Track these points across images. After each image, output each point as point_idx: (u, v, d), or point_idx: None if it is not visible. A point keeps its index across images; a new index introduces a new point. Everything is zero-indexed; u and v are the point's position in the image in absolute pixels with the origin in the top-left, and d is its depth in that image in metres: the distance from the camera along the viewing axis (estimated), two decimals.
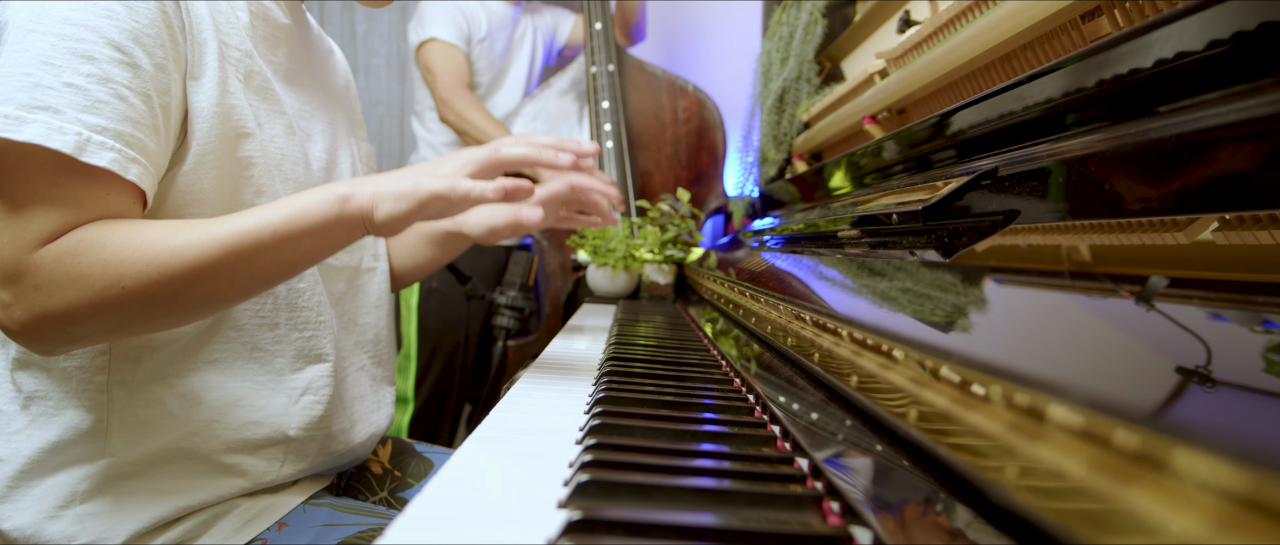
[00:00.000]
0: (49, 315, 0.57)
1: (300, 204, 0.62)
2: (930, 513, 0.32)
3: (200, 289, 0.60)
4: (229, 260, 0.60)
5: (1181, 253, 0.34)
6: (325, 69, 0.89)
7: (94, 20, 0.58)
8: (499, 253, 2.07)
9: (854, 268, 0.65)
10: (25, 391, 0.67)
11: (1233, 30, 0.37)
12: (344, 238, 0.65)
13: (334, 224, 0.63)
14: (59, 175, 0.57)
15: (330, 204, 0.63)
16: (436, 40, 1.89)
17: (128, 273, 0.57)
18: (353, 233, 0.65)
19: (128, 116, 0.59)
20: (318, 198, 0.63)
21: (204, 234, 0.59)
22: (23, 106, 0.55)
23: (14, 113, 0.55)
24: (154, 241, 0.58)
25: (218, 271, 0.60)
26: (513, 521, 0.35)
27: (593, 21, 1.95)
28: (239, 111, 0.68)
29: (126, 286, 0.57)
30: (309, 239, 0.63)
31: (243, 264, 0.61)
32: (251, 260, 0.61)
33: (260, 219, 0.61)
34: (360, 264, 0.88)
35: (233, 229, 0.60)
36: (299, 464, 0.75)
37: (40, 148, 0.55)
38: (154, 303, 0.59)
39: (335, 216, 0.63)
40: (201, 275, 0.59)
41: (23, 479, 0.66)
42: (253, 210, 0.62)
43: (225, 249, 0.59)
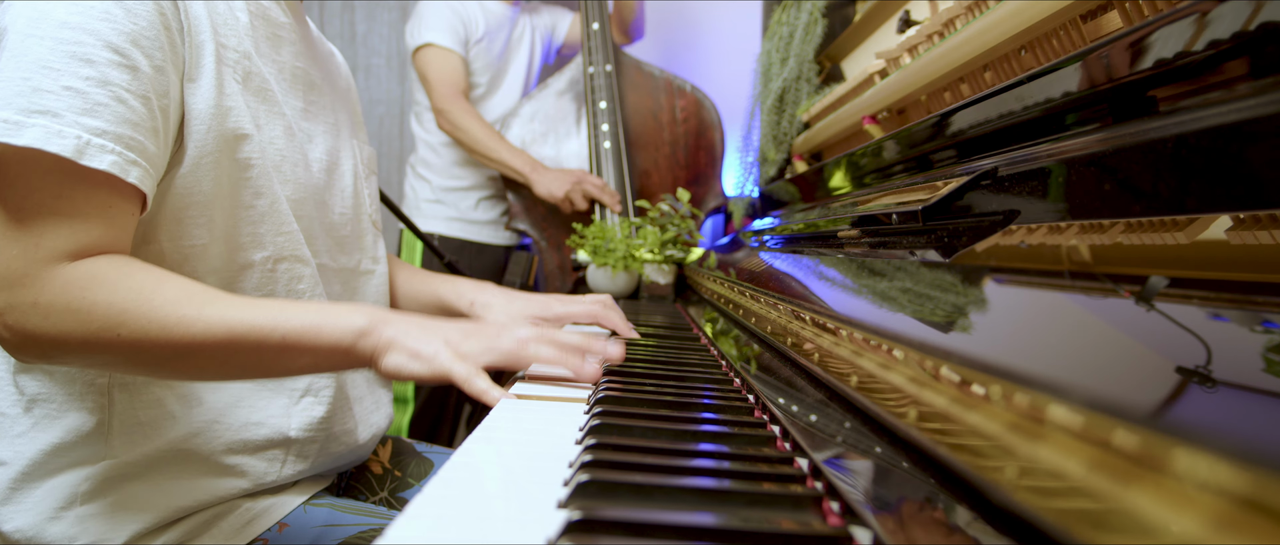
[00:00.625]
0: (36, 335, 0.57)
1: (320, 321, 0.61)
2: (930, 513, 0.32)
3: (190, 362, 0.60)
4: (228, 348, 0.59)
5: (1181, 253, 0.34)
6: (328, 70, 0.89)
7: (92, 23, 0.58)
8: (498, 253, 2.07)
9: (854, 268, 0.65)
10: (28, 394, 0.67)
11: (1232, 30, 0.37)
12: (345, 366, 0.64)
13: (341, 354, 0.62)
14: (61, 180, 0.57)
15: (347, 335, 0.62)
16: (433, 46, 1.88)
17: (128, 324, 0.57)
18: (354, 366, 0.64)
19: (127, 119, 0.59)
20: (338, 323, 0.62)
21: (214, 314, 0.59)
22: (21, 111, 0.55)
23: (13, 117, 0.55)
24: (165, 302, 0.58)
25: (214, 354, 0.59)
26: (512, 521, 0.35)
27: (590, 21, 1.95)
28: (236, 113, 0.68)
29: (122, 335, 0.57)
30: (310, 356, 0.62)
31: (239, 355, 0.60)
32: (249, 355, 0.60)
33: (276, 319, 0.60)
34: (358, 266, 0.88)
35: (244, 319, 0.59)
36: (299, 464, 0.75)
37: (40, 152, 0.55)
38: (141, 358, 0.59)
39: (346, 347, 0.62)
40: (197, 351, 0.59)
41: (24, 481, 0.66)
42: (273, 305, 0.62)
43: (230, 337, 0.59)
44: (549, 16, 2.13)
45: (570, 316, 0.96)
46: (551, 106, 1.98)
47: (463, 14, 1.90)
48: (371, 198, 0.92)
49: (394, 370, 0.62)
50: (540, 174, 1.84)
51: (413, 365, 0.61)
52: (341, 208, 0.84)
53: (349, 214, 0.85)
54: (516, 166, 1.85)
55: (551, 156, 1.96)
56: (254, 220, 0.71)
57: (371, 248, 0.91)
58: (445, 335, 0.63)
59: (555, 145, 1.97)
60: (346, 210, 0.85)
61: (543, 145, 1.96)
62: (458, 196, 2.01)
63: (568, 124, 1.98)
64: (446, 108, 1.86)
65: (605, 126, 1.91)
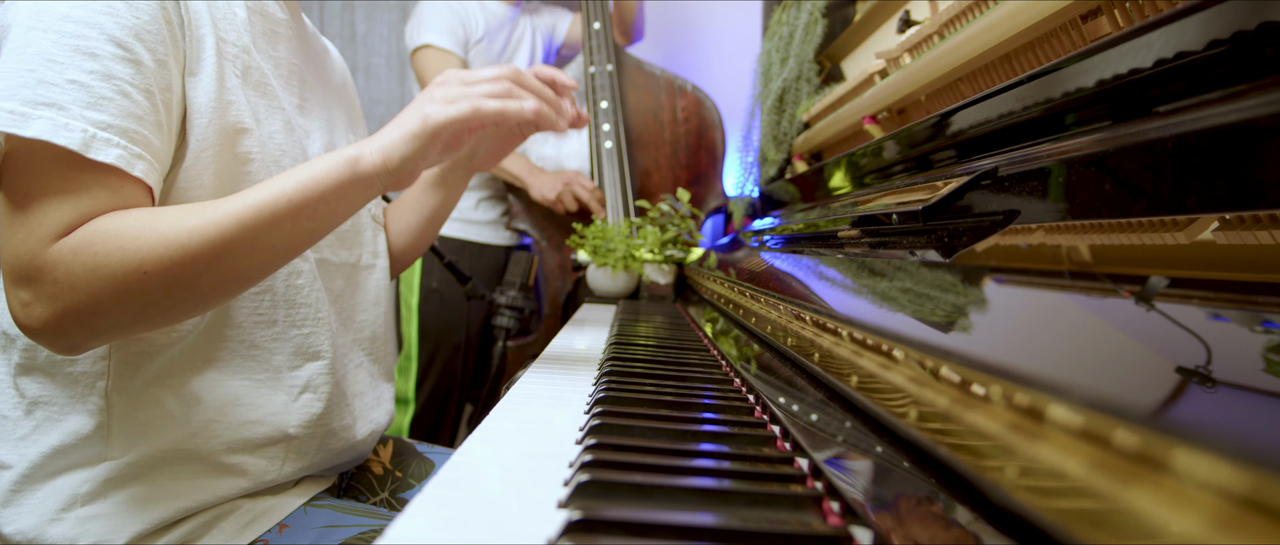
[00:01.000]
0: (72, 310, 0.56)
1: (310, 172, 0.62)
2: (930, 513, 0.32)
3: (223, 267, 0.60)
4: (248, 234, 0.60)
5: (1181, 253, 0.34)
6: (323, 66, 0.89)
7: (95, 17, 0.58)
8: (498, 253, 2.07)
9: (854, 268, 0.65)
10: (29, 397, 0.67)
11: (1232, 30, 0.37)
12: (361, 198, 0.65)
13: (348, 186, 0.63)
14: (66, 172, 0.57)
15: (341, 167, 0.63)
16: (431, 47, 1.88)
17: (148, 258, 0.57)
18: (370, 191, 0.65)
19: (131, 113, 0.59)
20: (326, 163, 0.63)
21: (220, 211, 0.59)
22: (28, 103, 0.55)
23: (19, 108, 0.55)
24: (170, 224, 0.58)
25: (238, 247, 0.60)
26: (513, 521, 0.35)
27: (591, 21, 1.95)
28: (236, 107, 0.69)
29: (148, 271, 0.57)
30: (324, 204, 0.63)
31: (262, 236, 0.61)
32: (270, 231, 0.61)
33: (274, 190, 0.61)
34: (359, 261, 0.88)
35: (248, 203, 0.60)
36: (299, 462, 0.75)
37: (47, 144, 0.55)
38: (177, 285, 0.58)
39: (348, 178, 0.63)
40: (223, 252, 0.59)
41: (25, 483, 0.66)
42: (263, 184, 0.62)
43: (242, 223, 0.59)
44: (550, 17, 2.13)
45: None
46: None
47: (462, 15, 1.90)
48: None
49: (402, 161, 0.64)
50: (535, 178, 1.84)
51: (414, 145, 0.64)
52: None
53: None
54: (513, 171, 1.86)
55: (552, 156, 1.96)
56: None
57: (372, 242, 0.91)
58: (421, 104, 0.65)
59: (556, 144, 1.97)
60: None
61: (543, 144, 1.96)
62: None
63: None
64: None
65: (606, 126, 1.91)
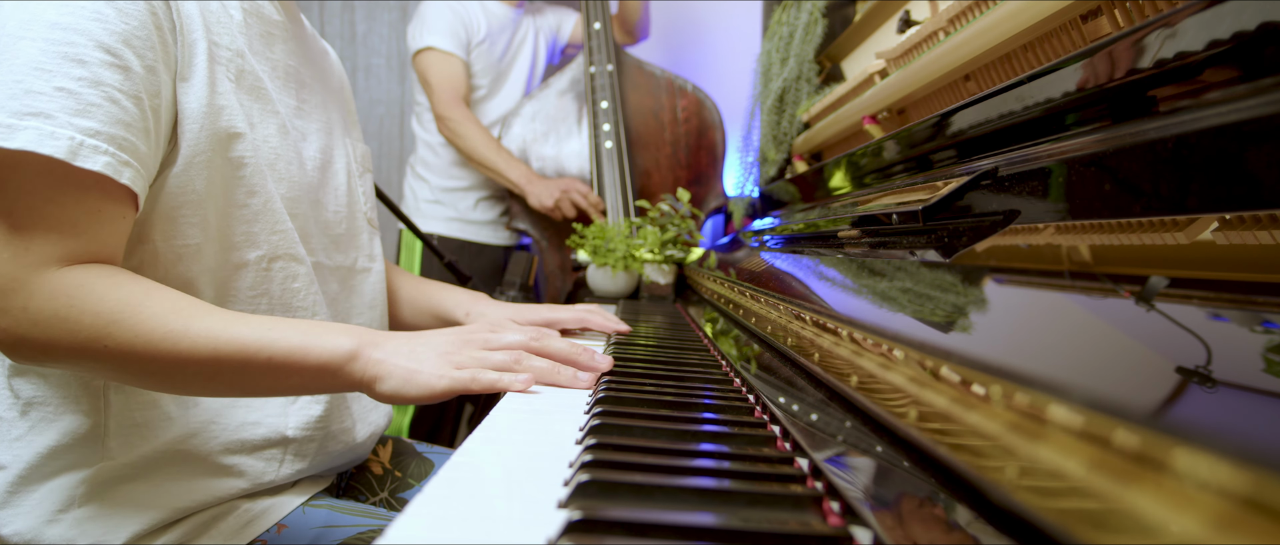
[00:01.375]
0: (27, 340, 0.57)
1: (308, 341, 0.61)
2: (930, 513, 0.32)
3: (178, 376, 0.60)
4: (214, 365, 0.59)
5: (1181, 253, 0.34)
6: (321, 68, 0.89)
7: (83, 23, 0.58)
8: (497, 253, 2.07)
9: (854, 268, 0.65)
10: (24, 398, 0.67)
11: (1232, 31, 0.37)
12: (335, 389, 0.63)
13: (330, 376, 0.61)
14: (53, 183, 0.57)
15: (334, 357, 0.61)
16: (433, 49, 1.87)
17: (115, 335, 0.57)
18: (346, 389, 0.63)
19: (120, 119, 0.59)
20: (326, 343, 0.61)
21: (201, 330, 0.59)
22: (14, 114, 0.55)
23: (5, 120, 0.54)
24: (152, 315, 0.58)
25: (199, 371, 0.59)
26: (513, 521, 0.35)
27: (592, 21, 1.95)
28: (229, 112, 0.68)
29: (108, 346, 0.57)
30: (299, 378, 0.61)
31: (226, 374, 0.60)
32: (236, 373, 0.60)
33: (263, 338, 0.60)
34: (354, 264, 0.88)
35: (232, 337, 0.59)
36: (298, 463, 0.75)
37: (33, 155, 0.55)
38: (128, 369, 0.59)
39: (333, 370, 0.61)
40: (183, 366, 0.59)
41: (21, 484, 0.66)
42: (263, 323, 0.61)
43: (216, 355, 0.59)
44: (554, 17, 2.13)
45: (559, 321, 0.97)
46: (553, 106, 1.98)
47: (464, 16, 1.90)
48: (366, 196, 0.92)
49: (391, 395, 0.61)
50: (533, 185, 1.85)
51: (410, 389, 0.60)
52: (335, 205, 0.84)
53: (343, 212, 0.85)
54: (512, 177, 1.86)
55: (552, 156, 1.96)
56: (248, 219, 0.71)
57: (367, 246, 0.91)
58: (438, 348, 0.63)
59: (556, 145, 1.97)
60: (341, 208, 0.85)
61: (544, 145, 1.96)
62: (456, 197, 2.00)
63: (569, 124, 1.98)
64: (447, 114, 1.86)
65: (607, 126, 1.91)
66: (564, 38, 2.14)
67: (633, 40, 2.11)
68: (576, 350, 0.68)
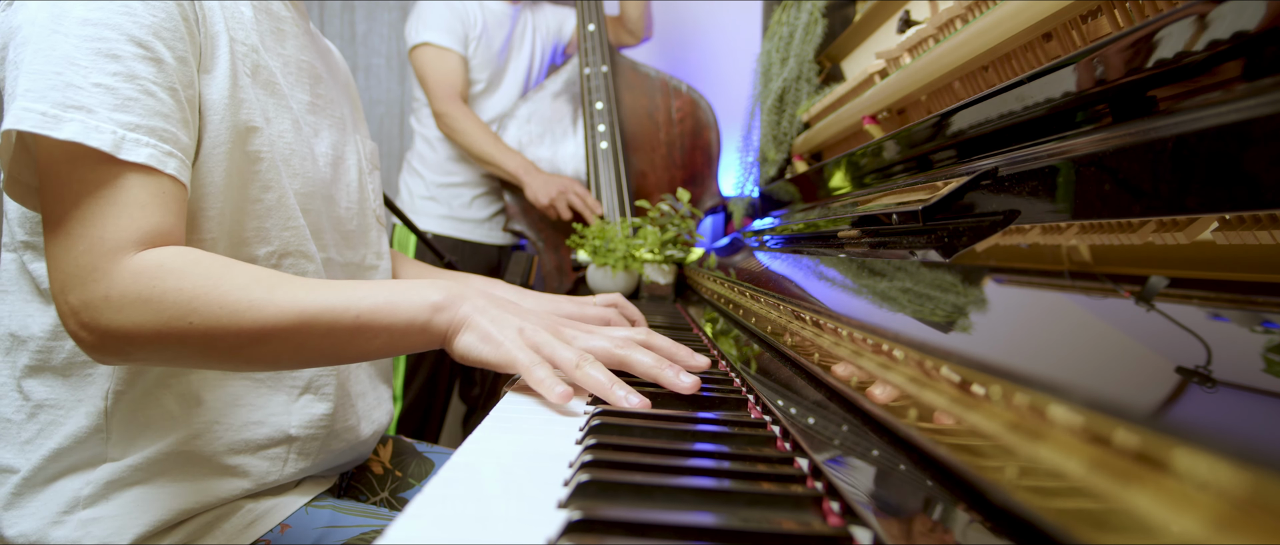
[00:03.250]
0: (112, 330, 0.56)
1: (394, 297, 0.61)
2: (930, 513, 0.32)
3: (264, 348, 0.59)
4: (302, 330, 0.58)
5: (1181, 253, 0.34)
6: (329, 64, 0.89)
7: (113, 18, 0.58)
8: (492, 253, 2.07)
9: (854, 268, 0.65)
10: (34, 400, 0.67)
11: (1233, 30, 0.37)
12: (420, 344, 0.62)
13: (417, 331, 0.61)
14: (104, 175, 0.57)
15: (423, 310, 0.61)
16: (431, 45, 1.87)
17: (199, 310, 0.56)
18: (430, 344, 0.62)
19: (158, 111, 0.59)
20: (413, 298, 0.61)
21: (286, 296, 0.58)
22: (58, 105, 0.55)
23: (51, 110, 0.55)
24: (234, 287, 0.57)
25: (287, 337, 0.58)
26: (512, 521, 0.35)
27: (586, 22, 1.95)
28: (248, 106, 0.69)
29: (194, 323, 0.56)
30: (387, 335, 0.61)
31: (314, 339, 0.59)
32: (323, 337, 0.59)
33: (349, 298, 0.59)
34: (362, 261, 0.88)
35: (316, 300, 0.59)
36: (302, 462, 0.75)
37: (80, 147, 0.56)
38: (215, 346, 0.58)
39: (422, 324, 0.61)
40: (270, 336, 0.58)
41: (26, 487, 0.66)
42: (344, 286, 0.61)
43: (303, 318, 0.58)
44: (555, 16, 2.13)
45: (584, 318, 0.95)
46: (547, 108, 1.98)
47: (461, 13, 1.89)
48: (375, 192, 0.93)
49: (464, 351, 0.61)
50: (532, 177, 1.84)
51: (483, 348, 0.60)
52: (347, 202, 0.84)
53: (354, 208, 0.86)
54: (511, 169, 1.85)
55: (548, 158, 1.96)
56: (260, 214, 0.71)
57: (376, 243, 0.91)
58: (518, 323, 0.61)
59: (552, 146, 1.97)
60: (352, 204, 0.85)
61: (539, 147, 1.96)
62: (452, 193, 2.00)
63: (564, 125, 1.98)
64: (445, 110, 1.86)
65: (602, 127, 1.91)
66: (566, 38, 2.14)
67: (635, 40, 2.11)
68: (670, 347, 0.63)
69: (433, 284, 0.62)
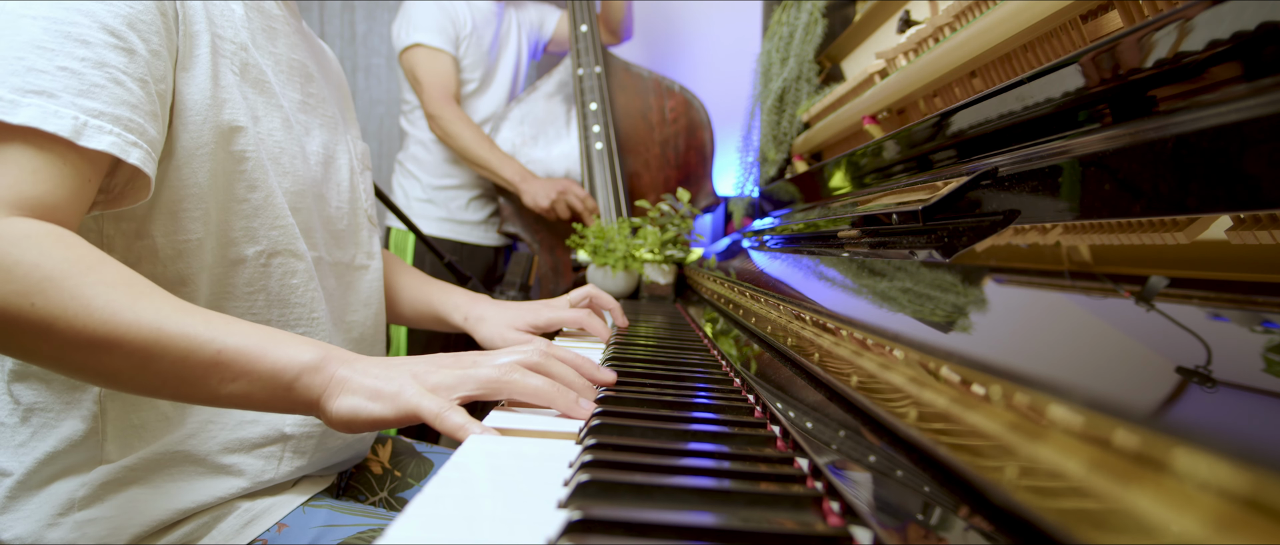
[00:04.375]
0: None
1: (265, 344, 0.55)
2: (929, 513, 0.32)
3: (103, 358, 0.52)
4: (152, 351, 0.52)
5: (1181, 253, 0.34)
6: (321, 63, 0.89)
7: (87, 5, 0.58)
8: (489, 254, 2.07)
9: (854, 268, 0.65)
10: (24, 403, 0.67)
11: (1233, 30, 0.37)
12: (281, 403, 0.56)
13: (280, 389, 0.55)
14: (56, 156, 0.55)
15: (290, 367, 0.55)
16: (422, 46, 1.86)
17: (47, 294, 0.50)
18: (293, 407, 0.56)
19: (126, 101, 0.58)
20: (286, 350, 0.55)
21: (147, 309, 0.52)
22: (16, 90, 0.54)
23: (7, 95, 0.53)
24: (97, 282, 0.51)
25: (132, 354, 0.52)
26: (512, 521, 0.35)
27: (578, 23, 1.95)
28: (231, 106, 0.68)
29: (36, 305, 0.50)
30: (245, 381, 0.54)
31: (163, 363, 0.53)
32: (175, 364, 0.53)
33: (216, 331, 0.54)
34: (352, 261, 0.88)
35: (179, 323, 0.53)
36: (298, 461, 0.75)
37: (36, 131, 0.54)
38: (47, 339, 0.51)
39: (286, 382, 0.55)
40: (112, 347, 0.51)
41: (22, 489, 0.66)
42: (219, 319, 0.55)
43: (155, 339, 0.52)
44: (536, 13, 2.13)
45: (559, 322, 0.97)
46: (541, 109, 1.98)
47: (451, 13, 1.89)
48: (366, 192, 0.92)
49: (348, 414, 0.54)
50: (529, 183, 1.84)
51: (372, 406, 0.54)
52: (338, 201, 0.84)
53: (345, 208, 0.85)
54: (507, 175, 1.85)
55: (541, 159, 1.96)
56: (248, 214, 0.71)
57: (367, 243, 0.91)
58: (411, 369, 0.56)
59: (545, 148, 1.97)
60: (343, 204, 0.85)
61: (533, 148, 1.96)
62: (448, 195, 2.00)
63: (558, 126, 1.98)
64: (438, 113, 1.86)
65: (596, 128, 1.91)
66: (547, 35, 2.14)
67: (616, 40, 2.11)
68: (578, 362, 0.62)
69: (316, 343, 0.57)
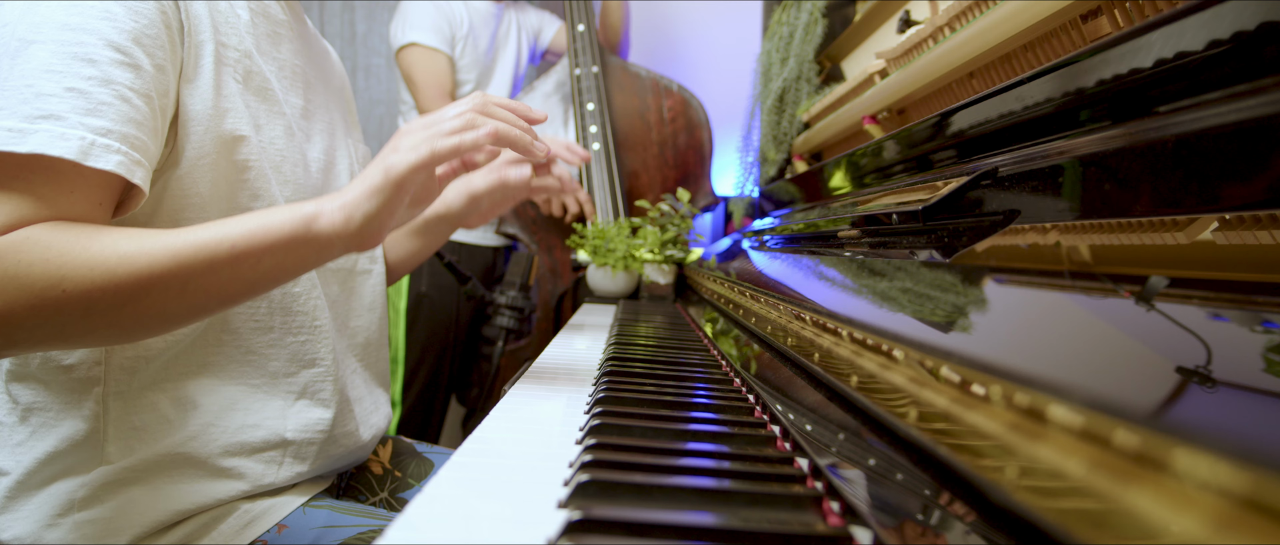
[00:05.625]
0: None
1: (264, 220, 0.59)
2: (929, 513, 0.32)
3: (147, 301, 0.56)
4: (181, 272, 0.56)
5: (1181, 253, 0.34)
6: (322, 68, 0.89)
7: (93, 23, 0.58)
8: (486, 254, 2.07)
9: (854, 268, 0.65)
10: (22, 403, 0.67)
11: (1232, 30, 0.37)
12: (313, 258, 0.61)
13: (299, 243, 0.59)
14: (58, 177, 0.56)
15: (295, 222, 0.59)
16: (418, 46, 1.86)
17: (69, 276, 0.53)
18: (325, 252, 0.61)
19: (132, 118, 0.58)
20: (283, 214, 0.59)
21: (157, 243, 0.56)
22: (26, 118, 0.54)
23: (17, 125, 0.54)
24: (103, 246, 0.55)
25: (167, 283, 0.56)
26: (512, 521, 0.35)
27: (576, 23, 1.95)
28: (234, 115, 0.68)
29: (67, 290, 0.53)
30: (269, 257, 0.59)
31: (195, 278, 0.57)
32: (205, 275, 0.57)
33: (219, 232, 0.58)
34: (355, 266, 0.88)
35: (188, 240, 0.57)
36: (298, 466, 0.75)
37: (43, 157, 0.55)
38: (95, 310, 0.55)
39: (301, 235, 0.59)
40: (149, 286, 0.55)
41: (21, 490, 0.66)
42: (214, 223, 0.59)
43: (178, 260, 0.56)
44: (536, 18, 2.13)
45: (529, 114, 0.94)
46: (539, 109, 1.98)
47: (447, 12, 1.89)
48: None
49: (366, 220, 0.59)
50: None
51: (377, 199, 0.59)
52: None
53: None
54: None
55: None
56: None
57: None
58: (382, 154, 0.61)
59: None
60: None
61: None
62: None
63: (555, 125, 1.98)
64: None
65: (594, 128, 1.91)
66: (544, 43, 2.14)
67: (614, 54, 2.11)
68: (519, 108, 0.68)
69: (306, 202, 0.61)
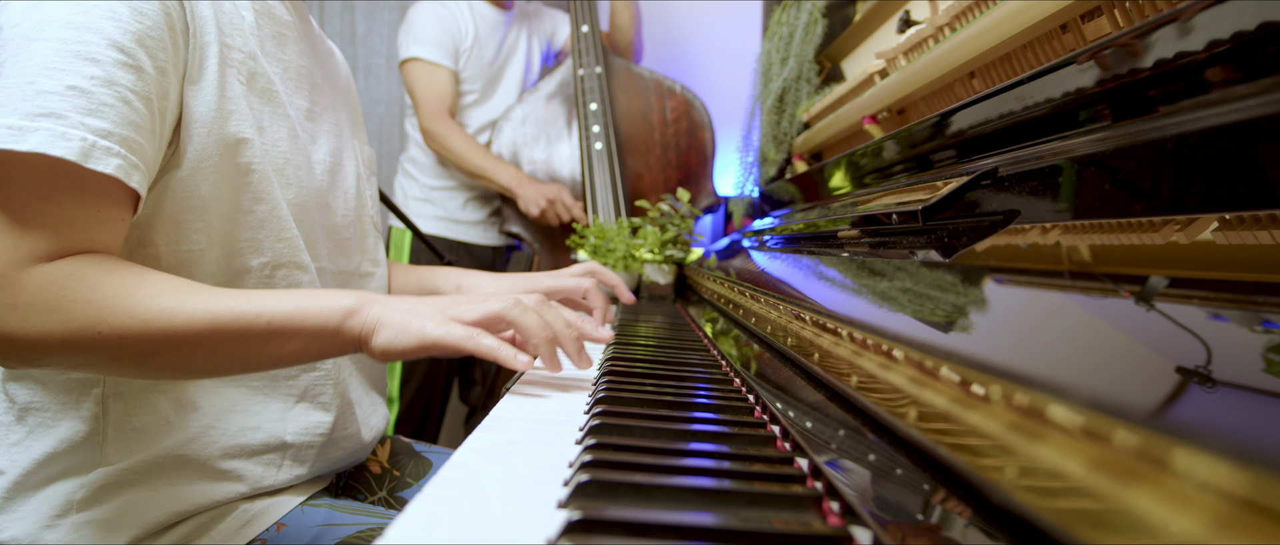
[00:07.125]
0: (15, 338, 0.55)
1: (303, 303, 0.61)
2: (929, 513, 0.32)
3: (175, 356, 0.59)
4: (213, 338, 0.58)
5: (1181, 253, 0.34)
6: (328, 69, 0.89)
7: (97, 22, 0.58)
8: (487, 254, 2.07)
9: (854, 268, 0.65)
10: (19, 403, 0.67)
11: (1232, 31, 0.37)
12: (334, 349, 0.63)
13: (330, 335, 0.61)
14: (55, 181, 0.57)
15: (333, 314, 0.61)
16: (419, 60, 1.86)
17: (109, 320, 0.56)
18: (344, 348, 0.63)
19: (131, 121, 0.58)
20: (323, 303, 0.61)
21: (197, 304, 0.58)
22: (26, 116, 0.54)
23: (17, 123, 0.54)
24: (146, 296, 0.57)
25: (198, 345, 0.58)
26: (512, 521, 0.35)
27: (579, 24, 1.95)
28: (237, 117, 0.68)
29: (103, 332, 0.56)
30: (299, 340, 0.61)
31: (226, 345, 0.59)
32: (235, 344, 0.59)
33: (259, 305, 0.60)
34: (358, 268, 0.88)
35: (228, 307, 0.59)
36: (297, 468, 0.75)
37: (44, 156, 0.55)
38: (124, 355, 0.58)
39: (334, 328, 0.61)
40: (181, 343, 0.58)
41: (18, 490, 0.66)
42: (255, 294, 0.61)
43: (214, 326, 0.58)
44: (548, 22, 2.13)
45: (560, 291, 0.98)
46: (542, 109, 1.98)
47: (450, 26, 1.89)
48: (372, 199, 0.92)
49: (385, 346, 0.61)
50: (525, 188, 1.86)
51: (403, 339, 0.60)
52: (344, 209, 0.84)
53: (351, 216, 0.85)
54: (503, 181, 1.86)
55: (543, 159, 1.96)
56: (253, 226, 0.70)
57: (372, 250, 0.91)
58: (434, 304, 0.63)
59: (546, 148, 1.97)
60: (349, 212, 0.85)
61: (534, 148, 1.97)
62: (445, 195, 2.01)
63: (558, 126, 1.98)
64: (432, 128, 1.87)
65: (596, 128, 1.91)
66: (558, 44, 2.14)
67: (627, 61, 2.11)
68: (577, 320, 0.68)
69: (346, 292, 0.63)
